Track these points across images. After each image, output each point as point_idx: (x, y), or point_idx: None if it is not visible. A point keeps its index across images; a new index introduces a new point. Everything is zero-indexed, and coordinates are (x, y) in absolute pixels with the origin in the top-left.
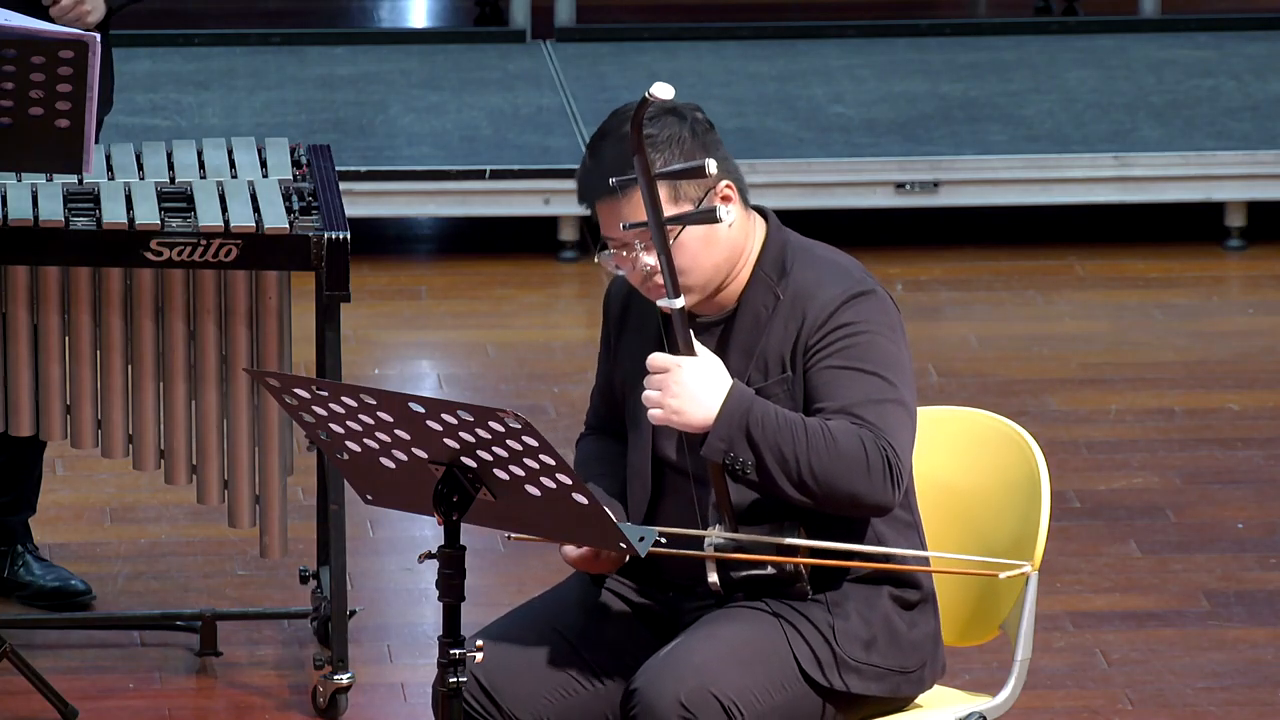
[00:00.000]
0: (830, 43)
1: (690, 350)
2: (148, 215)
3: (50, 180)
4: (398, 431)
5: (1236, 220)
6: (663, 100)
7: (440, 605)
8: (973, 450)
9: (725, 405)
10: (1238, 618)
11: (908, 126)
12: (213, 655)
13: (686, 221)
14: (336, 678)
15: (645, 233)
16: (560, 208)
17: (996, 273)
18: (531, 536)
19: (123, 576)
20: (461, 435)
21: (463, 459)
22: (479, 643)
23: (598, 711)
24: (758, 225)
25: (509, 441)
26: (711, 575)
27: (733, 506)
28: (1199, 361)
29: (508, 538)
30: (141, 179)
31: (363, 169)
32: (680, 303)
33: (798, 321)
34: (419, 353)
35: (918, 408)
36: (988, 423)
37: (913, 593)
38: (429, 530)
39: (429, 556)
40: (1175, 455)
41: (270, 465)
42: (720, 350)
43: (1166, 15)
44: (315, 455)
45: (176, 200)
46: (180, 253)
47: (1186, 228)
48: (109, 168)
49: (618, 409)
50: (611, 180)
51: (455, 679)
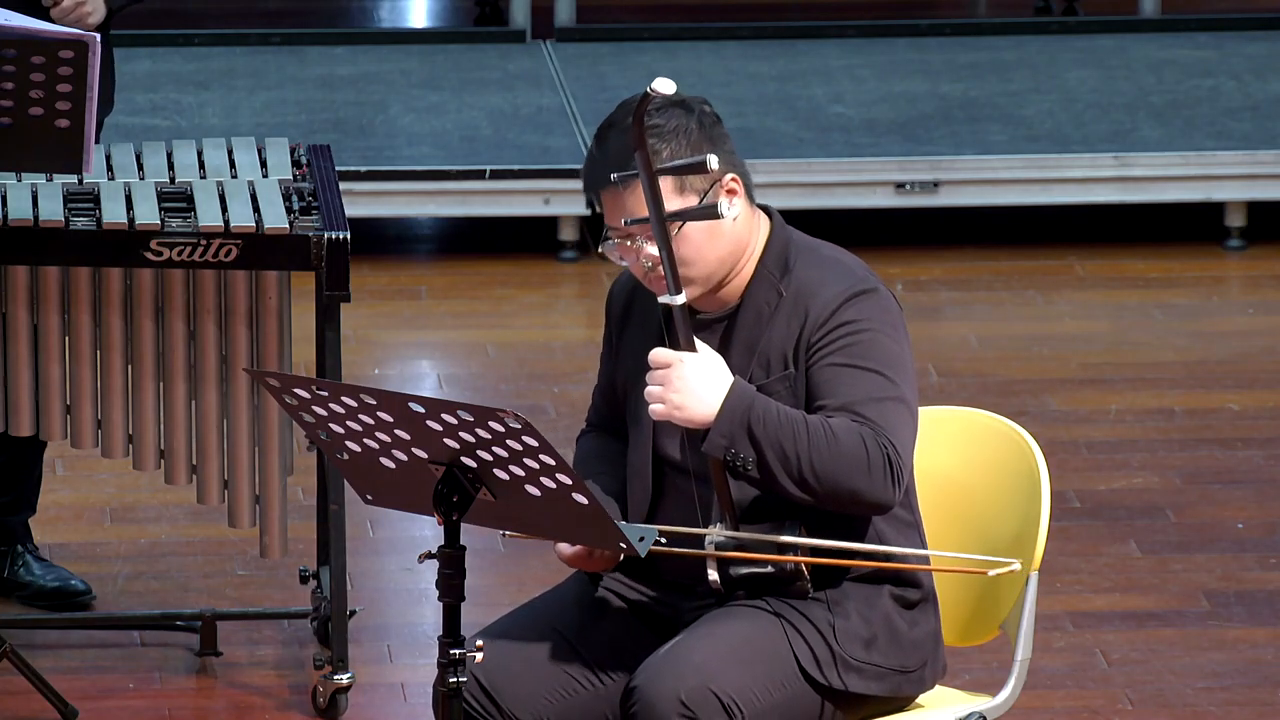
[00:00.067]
0: (830, 43)
1: (691, 347)
2: (148, 215)
3: (50, 180)
4: (398, 431)
5: (1236, 220)
6: (665, 95)
7: (440, 605)
8: (973, 450)
9: (727, 401)
10: (1238, 618)
11: (908, 126)
12: (213, 655)
13: (688, 217)
14: (336, 678)
15: (648, 226)
16: (560, 208)
17: (996, 273)
18: (522, 534)
19: (123, 576)
20: (461, 435)
21: (463, 459)
22: (479, 643)
23: (598, 711)
24: (762, 222)
25: (509, 441)
26: (712, 573)
27: (734, 504)
28: (1199, 361)
29: (503, 535)
30: (141, 179)
31: (363, 169)
32: (681, 299)
33: (800, 319)
34: (419, 353)
35: (919, 407)
36: (988, 423)
37: (913, 592)
38: (429, 530)
39: (429, 556)
40: (1175, 455)
41: (270, 465)
42: (722, 347)
43: (1166, 15)
44: (315, 455)
45: (176, 200)
46: (180, 253)
47: (1186, 228)
48: (109, 168)
49: (619, 407)
50: (613, 176)
51: (455, 679)
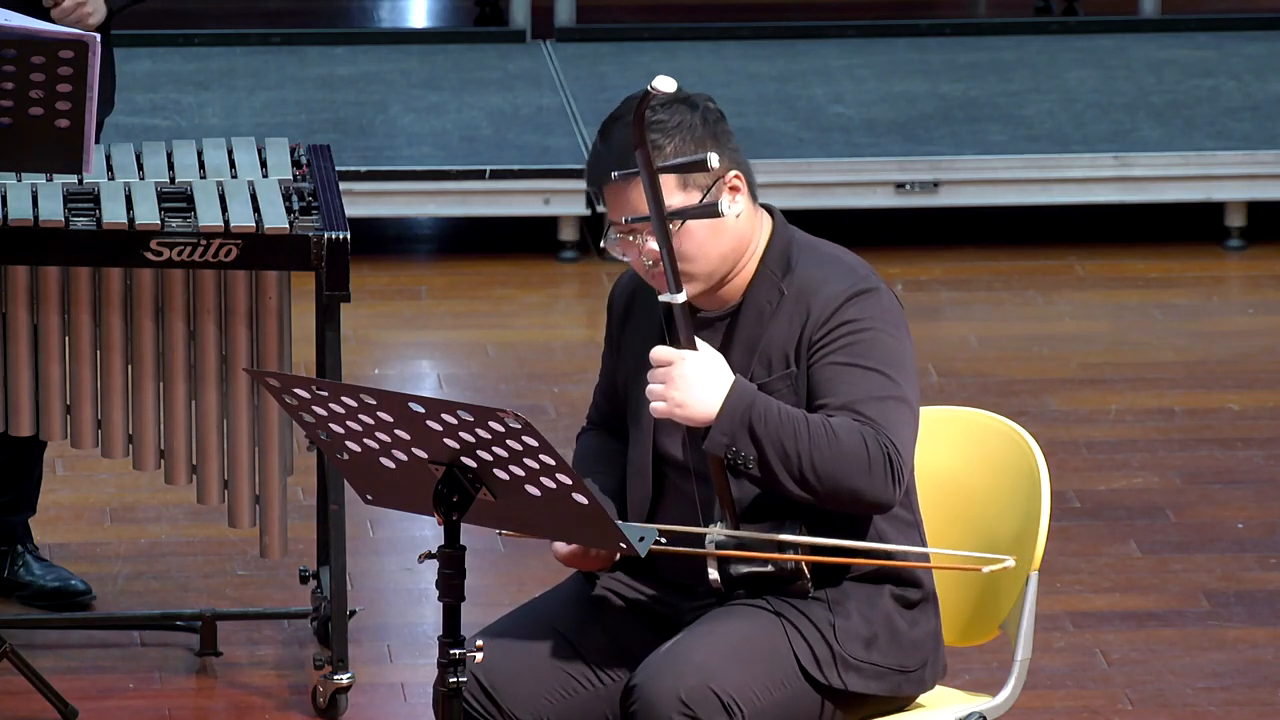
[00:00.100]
0: (830, 43)
1: (692, 345)
2: (148, 215)
3: (50, 180)
4: (398, 431)
5: (1236, 220)
6: (665, 93)
7: (440, 605)
8: (973, 450)
9: (728, 400)
10: (1238, 618)
11: (908, 126)
12: (213, 655)
13: (688, 216)
14: (336, 678)
15: (649, 223)
16: (560, 208)
17: (996, 273)
18: (520, 533)
19: (123, 576)
20: (461, 435)
21: (463, 459)
22: (479, 642)
23: (598, 711)
24: (764, 221)
25: (509, 441)
26: (712, 572)
27: (734, 503)
28: (1199, 361)
29: (499, 534)
30: (141, 179)
31: (363, 169)
32: (682, 297)
33: (802, 317)
34: (419, 353)
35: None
36: (988, 423)
37: (914, 592)
38: (429, 530)
39: (429, 556)
40: (1175, 455)
41: (270, 465)
42: (724, 345)
43: (1166, 15)
44: (315, 455)
45: (176, 200)
46: (180, 253)
47: (1186, 228)
48: (109, 168)
49: (620, 406)
50: (614, 174)
51: (455, 679)
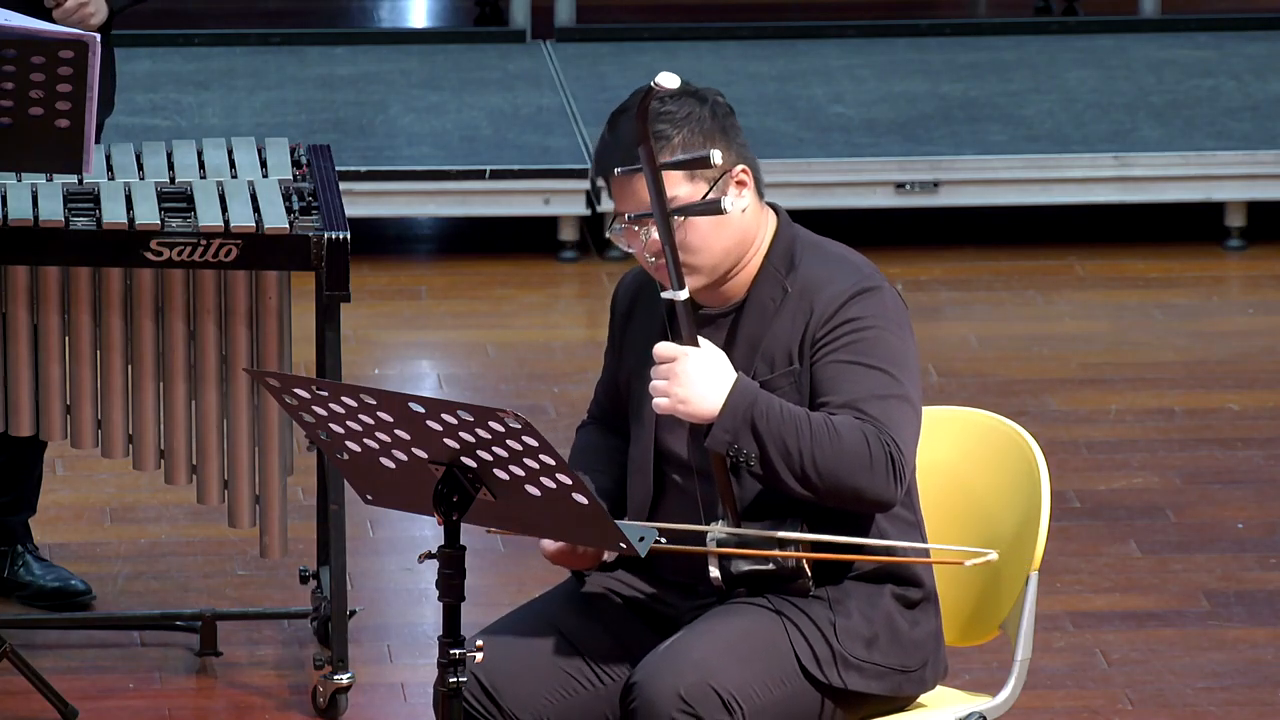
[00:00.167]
0: (830, 43)
1: (694, 342)
2: (148, 215)
3: (50, 180)
4: (398, 431)
5: (1236, 220)
6: (668, 89)
7: (440, 605)
8: (972, 450)
9: (730, 397)
10: (1238, 618)
11: (908, 126)
12: (213, 655)
13: (691, 212)
14: (336, 678)
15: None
16: (560, 208)
17: (996, 273)
18: (509, 531)
19: (123, 576)
20: (461, 435)
21: (463, 459)
22: (479, 642)
23: (598, 710)
24: (769, 218)
25: (509, 441)
26: (713, 570)
27: (735, 500)
28: (1199, 361)
29: (487, 530)
30: (141, 179)
31: (363, 169)
32: (685, 294)
33: (805, 315)
34: (419, 353)
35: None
36: (988, 423)
37: (915, 591)
38: (429, 530)
39: (429, 556)
40: (1175, 455)
41: (270, 465)
42: (727, 342)
43: (1166, 15)
44: (315, 455)
45: (176, 200)
46: (180, 253)
47: (1186, 228)
48: (109, 168)
49: (620, 404)
50: (616, 170)
51: (455, 679)
